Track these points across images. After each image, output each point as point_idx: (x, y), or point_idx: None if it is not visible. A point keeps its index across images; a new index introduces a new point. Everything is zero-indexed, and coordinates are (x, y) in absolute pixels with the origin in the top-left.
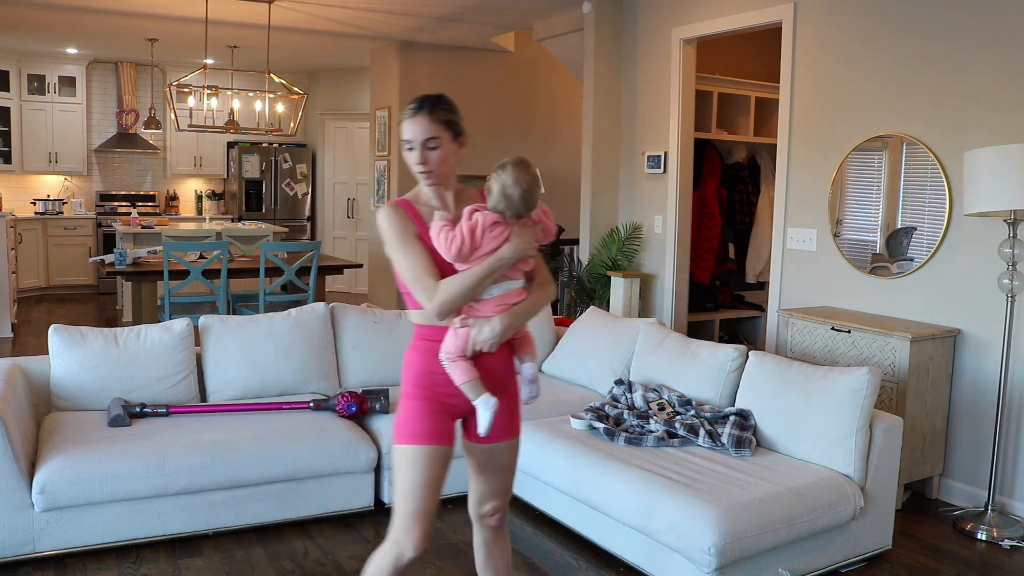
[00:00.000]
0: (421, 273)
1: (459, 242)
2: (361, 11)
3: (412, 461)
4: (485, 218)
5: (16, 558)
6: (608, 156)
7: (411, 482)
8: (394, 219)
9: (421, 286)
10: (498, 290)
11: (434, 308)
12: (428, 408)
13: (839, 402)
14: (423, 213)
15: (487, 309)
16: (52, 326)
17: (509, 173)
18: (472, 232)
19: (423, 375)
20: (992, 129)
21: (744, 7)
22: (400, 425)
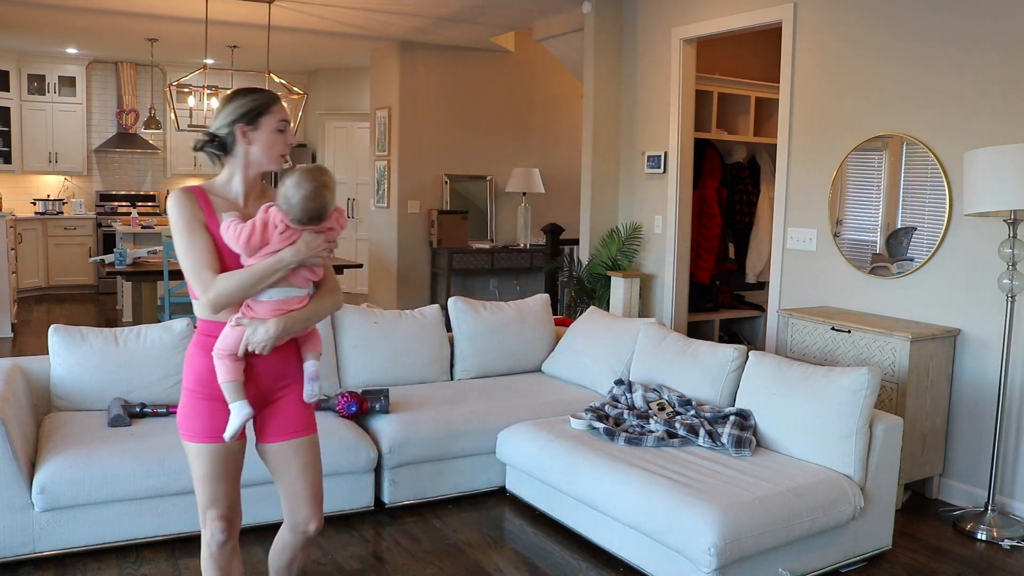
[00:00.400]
0: (200, 264)
1: (248, 233)
2: (361, 11)
3: (198, 457)
4: (279, 216)
5: (16, 558)
6: (608, 156)
7: (200, 475)
8: (183, 205)
9: (199, 277)
10: (278, 294)
11: (208, 300)
12: (209, 407)
13: (839, 402)
14: (215, 203)
15: (264, 311)
16: (52, 326)
17: (293, 180)
18: (264, 226)
19: (204, 371)
20: (992, 129)
21: (744, 7)
22: (183, 421)
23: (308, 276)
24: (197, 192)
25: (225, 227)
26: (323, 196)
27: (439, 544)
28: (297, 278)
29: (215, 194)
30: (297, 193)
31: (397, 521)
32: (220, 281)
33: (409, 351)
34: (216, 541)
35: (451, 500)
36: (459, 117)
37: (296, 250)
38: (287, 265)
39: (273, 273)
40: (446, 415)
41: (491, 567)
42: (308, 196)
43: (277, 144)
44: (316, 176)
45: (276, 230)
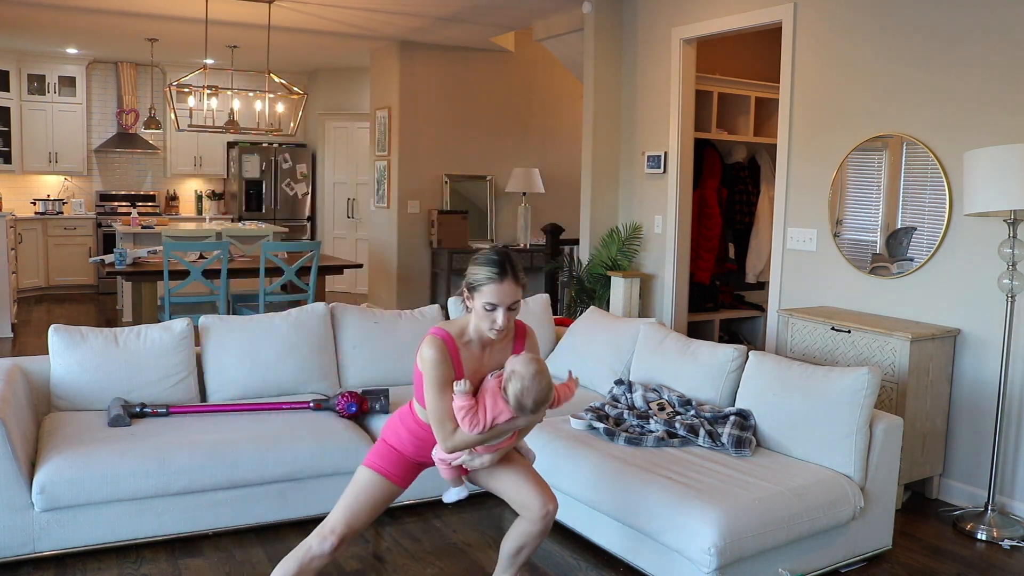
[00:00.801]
0: (445, 417)
1: (480, 428)
2: (361, 11)
3: (366, 482)
4: (504, 414)
5: (16, 558)
6: (608, 156)
7: (360, 500)
8: (438, 361)
9: (442, 427)
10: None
11: (447, 448)
12: (399, 458)
13: (839, 402)
14: (463, 358)
15: (482, 448)
16: (52, 326)
17: (523, 383)
18: (493, 421)
19: (404, 443)
20: (992, 129)
21: (744, 7)
22: (375, 456)
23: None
24: (451, 346)
25: (460, 414)
26: (548, 392)
27: (439, 544)
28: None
29: (463, 344)
30: (530, 398)
31: (397, 521)
32: (460, 437)
33: (409, 351)
34: (315, 553)
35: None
36: (459, 117)
37: (528, 422)
38: (519, 428)
39: (505, 433)
40: None
41: (491, 567)
42: (538, 400)
43: (484, 320)
44: (541, 380)
45: (502, 417)
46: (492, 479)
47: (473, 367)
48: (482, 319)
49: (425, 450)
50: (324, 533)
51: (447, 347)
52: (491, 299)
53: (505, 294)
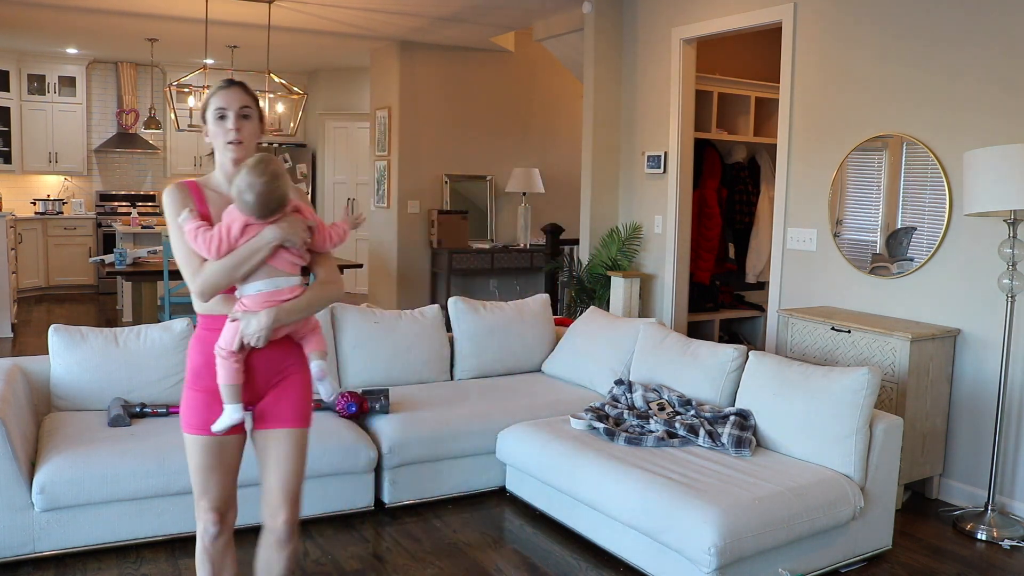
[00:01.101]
0: (191, 255)
1: (215, 241)
2: (361, 11)
3: (192, 448)
4: (239, 218)
5: (16, 558)
6: (608, 156)
7: (193, 466)
8: (175, 197)
9: (189, 266)
10: (266, 285)
11: (196, 288)
12: (204, 400)
13: (839, 402)
14: (208, 196)
15: (256, 303)
16: (52, 326)
17: (243, 177)
18: (228, 230)
19: (201, 367)
20: (992, 129)
21: (744, 7)
22: (184, 414)
23: (293, 260)
24: (191, 185)
25: (192, 235)
26: (277, 187)
27: (439, 544)
28: (281, 263)
29: (209, 188)
30: (250, 191)
31: (397, 521)
32: (207, 267)
33: (409, 351)
34: (208, 534)
35: (451, 500)
36: (459, 117)
37: (279, 228)
38: (268, 243)
39: (255, 253)
40: (446, 415)
41: (491, 567)
42: (262, 192)
43: (219, 134)
44: (263, 169)
45: (239, 230)
46: (261, 459)
47: (221, 208)
48: (216, 137)
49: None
50: (201, 517)
51: (188, 189)
52: (220, 103)
53: (234, 97)
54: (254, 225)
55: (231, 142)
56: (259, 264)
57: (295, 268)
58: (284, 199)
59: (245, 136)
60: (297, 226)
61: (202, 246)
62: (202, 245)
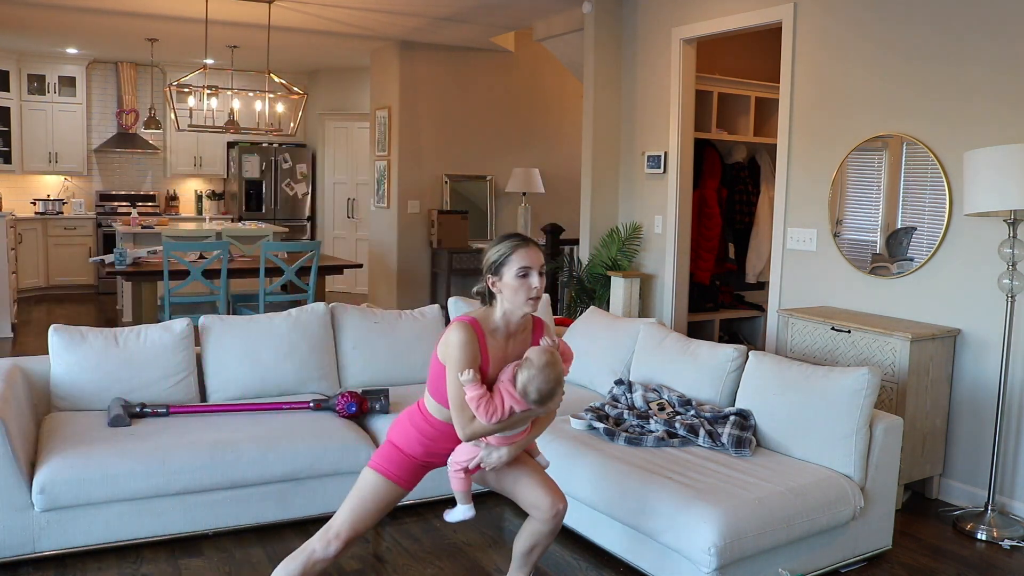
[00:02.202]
0: (465, 406)
1: (500, 415)
2: (361, 11)
3: (373, 486)
4: (520, 402)
5: (16, 558)
6: (608, 156)
7: (360, 500)
8: (467, 345)
9: (462, 414)
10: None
11: (464, 435)
12: (407, 461)
13: (839, 402)
14: (490, 345)
15: (498, 440)
16: (52, 326)
17: (536, 377)
18: (511, 411)
19: (414, 443)
20: (992, 129)
21: (744, 7)
22: (378, 455)
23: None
24: (478, 331)
25: (475, 403)
26: (558, 391)
27: (439, 544)
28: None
29: (489, 332)
30: (537, 393)
31: (397, 521)
32: (479, 425)
33: (409, 351)
34: (325, 558)
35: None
36: (459, 117)
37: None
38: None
39: (522, 426)
40: None
41: (491, 567)
42: (546, 395)
43: (520, 291)
44: (553, 376)
45: (519, 406)
46: (502, 479)
47: (498, 356)
48: (517, 291)
49: (433, 450)
50: (328, 537)
51: (475, 332)
52: (523, 263)
53: (534, 256)
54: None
55: (532, 298)
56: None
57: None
58: (556, 393)
59: (542, 292)
60: (556, 406)
61: (481, 413)
62: (482, 413)
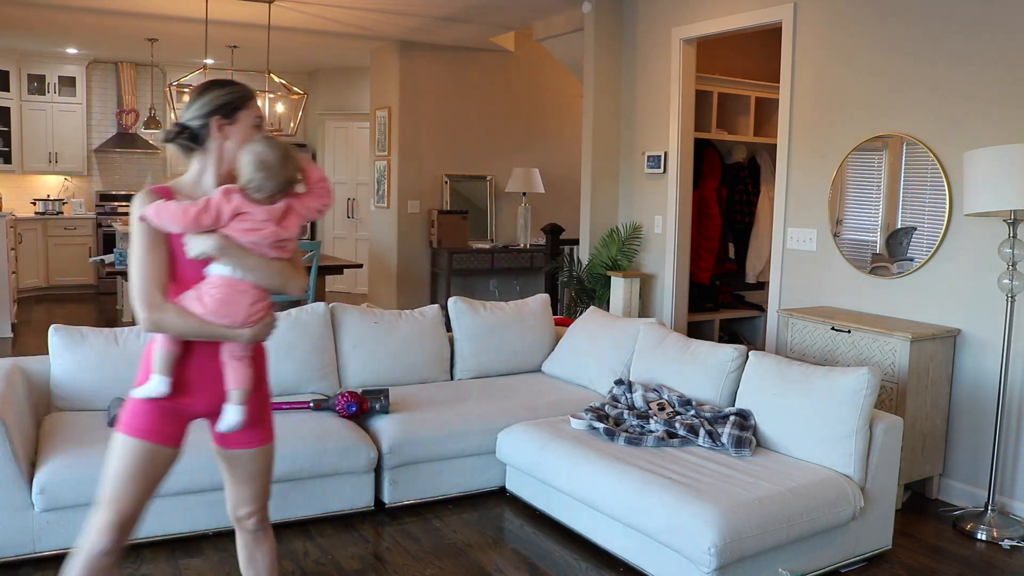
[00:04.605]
0: (151, 281)
1: (198, 210)
2: (361, 11)
3: (124, 451)
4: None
5: (16, 558)
6: (608, 156)
7: (118, 472)
8: (146, 205)
9: (146, 295)
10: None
11: (148, 322)
12: (160, 408)
13: (839, 402)
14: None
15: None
16: (52, 326)
17: (253, 151)
18: (218, 211)
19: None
20: (992, 128)
21: (744, 7)
22: (130, 416)
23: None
24: (164, 193)
25: (152, 211)
26: (290, 164)
27: (439, 544)
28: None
29: (184, 195)
30: (262, 166)
31: (397, 521)
32: (169, 316)
33: (409, 351)
34: (104, 551)
35: (451, 500)
36: (459, 117)
37: (254, 333)
38: (239, 340)
39: (221, 339)
40: (446, 415)
41: (491, 567)
42: (285, 156)
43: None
44: (275, 144)
45: (229, 215)
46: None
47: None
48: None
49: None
50: (99, 528)
51: (160, 195)
52: (260, 113)
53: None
54: (247, 214)
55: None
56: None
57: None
58: (293, 180)
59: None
60: (269, 328)
61: (174, 209)
62: (175, 208)
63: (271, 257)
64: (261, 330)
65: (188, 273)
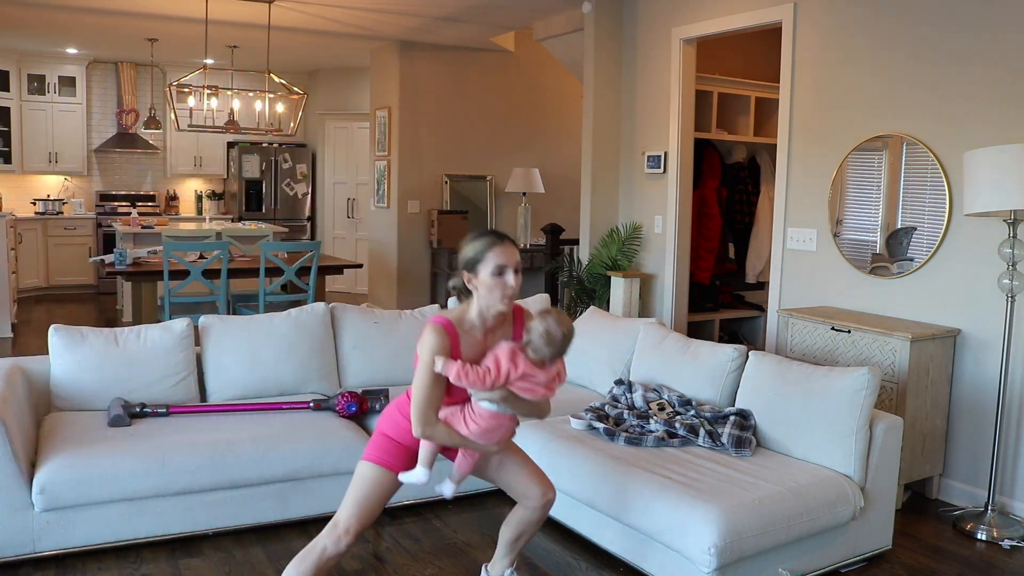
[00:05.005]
0: (428, 404)
1: (492, 379)
2: (361, 11)
3: (368, 478)
4: (522, 361)
5: (16, 558)
6: (608, 156)
7: (360, 494)
8: (439, 344)
9: (423, 414)
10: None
11: (418, 434)
12: (397, 447)
13: (839, 402)
14: (464, 343)
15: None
16: (52, 326)
17: (547, 324)
18: (507, 372)
19: (400, 431)
20: (992, 129)
21: (744, 7)
22: (377, 449)
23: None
24: (450, 331)
25: (457, 375)
26: (568, 343)
27: (439, 544)
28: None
29: (464, 332)
30: (551, 340)
31: (397, 521)
32: (440, 432)
33: (409, 351)
34: (337, 554)
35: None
36: (459, 117)
37: (499, 448)
38: (487, 452)
39: (476, 449)
40: None
41: None
42: (560, 343)
43: (495, 289)
44: (564, 322)
45: (518, 375)
46: (493, 468)
47: (474, 354)
48: (492, 290)
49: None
50: (338, 533)
51: (447, 332)
52: (499, 261)
53: (510, 254)
54: (531, 376)
55: (508, 296)
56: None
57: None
58: (564, 352)
59: (519, 290)
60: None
61: (474, 381)
62: (474, 380)
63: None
64: (503, 440)
65: (459, 392)
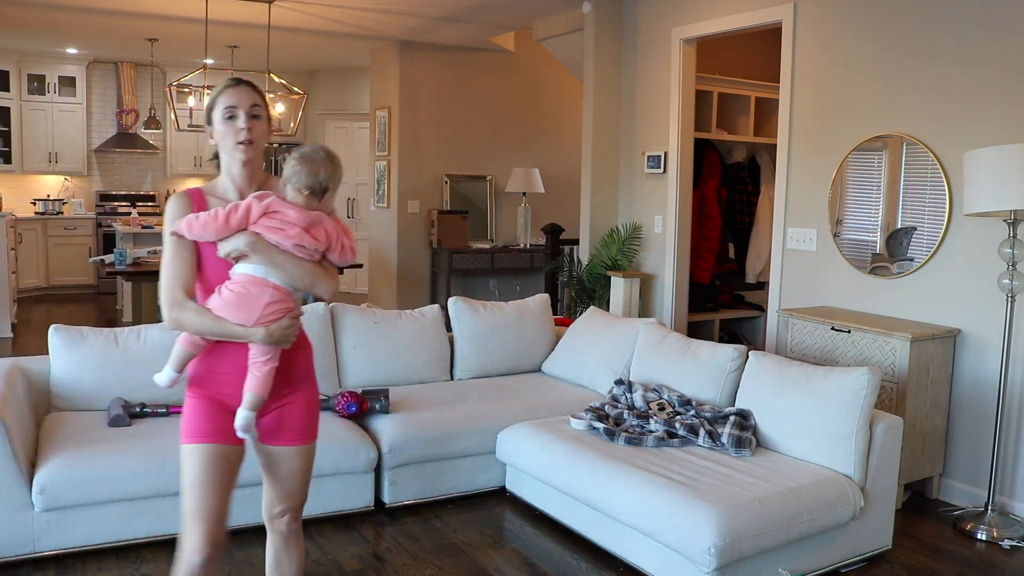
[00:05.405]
0: (176, 281)
1: (226, 213)
2: (361, 11)
3: (191, 460)
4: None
5: (16, 558)
6: (608, 156)
7: (192, 483)
8: (177, 211)
9: (171, 293)
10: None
11: (169, 320)
12: (207, 407)
13: (839, 402)
14: (212, 204)
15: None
16: (52, 326)
17: (309, 145)
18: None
19: (199, 373)
20: (992, 129)
21: (744, 7)
22: (184, 425)
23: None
24: (195, 195)
25: (185, 226)
26: (334, 166)
27: (439, 544)
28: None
29: (213, 195)
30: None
31: (397, 521)
32: (188, 314)
33: (409, 351)
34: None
35: (451, 500)
36: (459, 117)
37: (268, 333)
38: (252, 340)
39: (236, 338)
40: (446, 415)
41: (491, 567)
42: (328, 157)
43: (228, 134)
44: (323, 148)
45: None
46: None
47: None
48: (226, 137)
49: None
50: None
51: (191, 197)
52: (228, 101)
53: (244, 95)
54: (277, 212)
55: (242, 142)
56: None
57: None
58: (328, 184)
59: (256, 136)
60: (286, 331)
61: (207, 222)
62: (206, 221)
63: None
64: (276, 332)
65: (216, 276)
